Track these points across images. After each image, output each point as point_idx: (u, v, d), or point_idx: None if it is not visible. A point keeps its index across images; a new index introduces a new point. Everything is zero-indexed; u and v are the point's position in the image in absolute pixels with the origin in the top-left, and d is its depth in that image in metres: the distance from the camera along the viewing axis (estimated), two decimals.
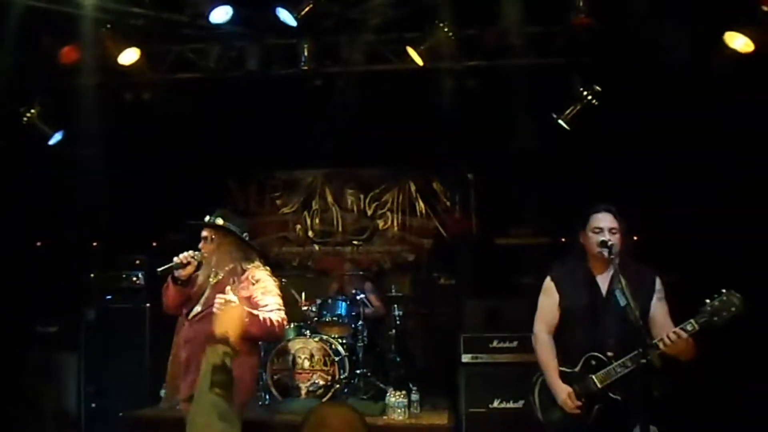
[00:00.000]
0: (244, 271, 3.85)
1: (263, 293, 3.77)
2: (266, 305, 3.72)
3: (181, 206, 7.53)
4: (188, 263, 3.84)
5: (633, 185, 6.39)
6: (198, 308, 3.83)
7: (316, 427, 1.86)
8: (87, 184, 6.97)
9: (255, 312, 3.63)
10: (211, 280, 3.88)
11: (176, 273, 3.84)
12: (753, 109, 5.32)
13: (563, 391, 3.44)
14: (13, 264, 6.72)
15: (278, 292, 3.91)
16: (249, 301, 3.70)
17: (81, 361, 6.65)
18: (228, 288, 3.62)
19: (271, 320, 3.66)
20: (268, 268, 3.99)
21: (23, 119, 6.12)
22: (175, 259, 3.85)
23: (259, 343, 4.31)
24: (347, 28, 5.37)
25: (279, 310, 3.79)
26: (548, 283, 3.68)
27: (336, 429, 1.85)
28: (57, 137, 6.29)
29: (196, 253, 3.87)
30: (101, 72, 5.86)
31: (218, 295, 3.55)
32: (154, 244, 7.32)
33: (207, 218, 3.96)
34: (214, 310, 3.53)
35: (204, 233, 3.93)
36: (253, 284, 3.78)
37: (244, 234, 3.98)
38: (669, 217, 6.29)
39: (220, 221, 3.90)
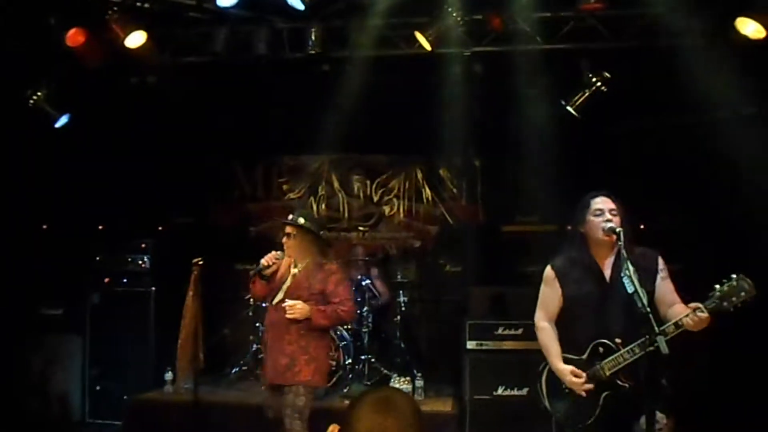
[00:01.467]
0: (320, 264, 4.45)
1: (335, 285, 4.42)
2: (337, 297, 4.39)
3: (187, 190, 7.59)
4: (274, 263, 4.42)
5: (640, 174, 6.37)
6: (280, 295, 4.39)
7: (381, 404, 1.88)
8: (93, 168, 6.98)
9: (323, 308, 4.34)
10: (292, 270, 4.46)
11: (264, 271, 4.39)
12: (760, 96, 5.27)
13: (567, 372, 3.42)
14: (18, 247, 6.73)
15: (348, 283, 4.77)
16: (323, 293, 4.37)
17: (86, 344, 6.67)
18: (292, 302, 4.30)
19: (338, 313, 4.38)
20: (337, 261, 4.76)
21: (30, 102, 6.09)
22: (263, 261, 4.39)
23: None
24: (355, 13, 5.32)
25: (348, 300, 4.49)
26: (549, 273, 3.65)
27: (403, 412, 1.86)
28: (63, 120, 6.28)
29: (279, 253, 4.42)
30: (108, 55, 5.84)
31: (287, 303, 4.28)
32: (160, 228, 7.33)
33: (290, 217, 4.50)
34: (287, 316, 4.26)
35: (288, 230, 4.45)
36: (329, 277, 4.41)
37: (321, 232, 4.66)
38: (675, 205, 6.26)
39: (301, 220, 4.43)
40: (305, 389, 4.29)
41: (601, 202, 3.48)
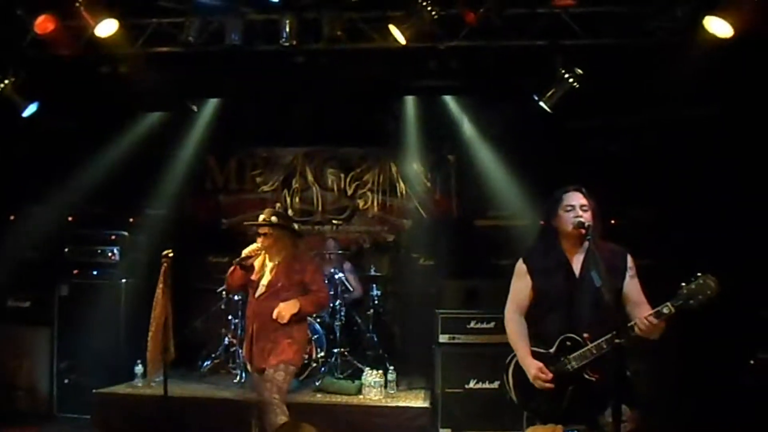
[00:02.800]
0: (296, 256, 4.85)
1: (313, 274, 4.84)
2: (315, 285, 4.81)
3: (160, 182, 7.51)
4: (255, 255, 4.79)
5: (611, 169, 6.45)
6: (262, 289, 4.76)
7: None
8: (63, 158, 6.87)
9: (307, 297, 4.75)
10: (268, 264, 4.83)
11: (246, 262, 4.76)
12: (730, 94, 5.35)
13: (534, 367, 3.46)
14: None
15: (322, 269, 5.46)
16: (302, 283, 4.76)
17: (54, 337, 6.58)
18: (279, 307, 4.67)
19: (319, 299, 4.85)
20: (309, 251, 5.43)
21: None
22: (245, 253, 4.76)
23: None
24: (330, 5, 5.29)
25: (324, 286, 4.97)
26: (520, 266, 3.69)
27: None
28: (31, 109, 6.16)
29: (258, 246, 4.77)
30: (77, 43, 5.74)
31: (276, 315, 4.63)
32: (131, 219, 7.24)
33: (261, 218, 4.84)
34: (281, 321, 4.62)
35: (263, 230, 4.80)
36: (306, 267, 4.82)
37: (294, 226, 5.14)
38: (645, 200, 6.35)
39: (275, 219, 4.80)
40: (285, 366, 4.62)
41: (573, 198, 3.52)
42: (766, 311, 5.24)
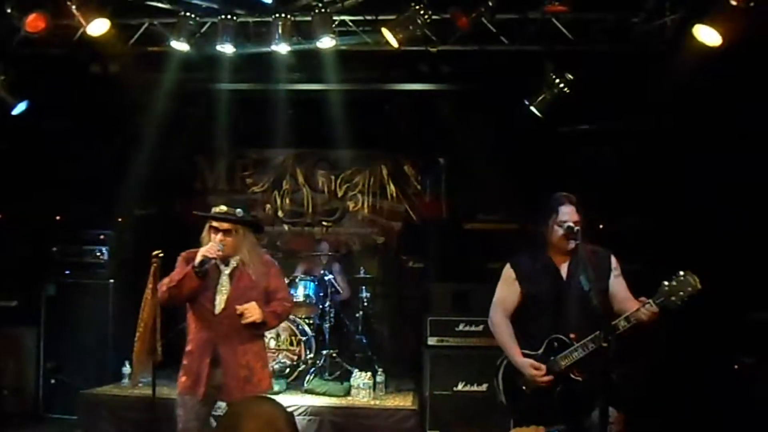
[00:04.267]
0: (259, 258, 4.08)
1: (276, 278, 4.12)
2: (279, 292, 4.10)
3: (149, 182, 7.48)
4: (216, 256, 3.89)
5: (600, 174, 6.49)
6: (222, 302, 3.91)
7: (230, 424, 1.78)
8: (51, 157, 6.84)
9: (272, 307, 4.02)
10: (223, 270, 3.97)
11: (207, 266, 3.85)
12: (719, 100, 5.41)
13: (527, 365, 3.50)
14: None
15: (283, 274, 4.38)
16: (266, 290, 4.03)
17: (40, 337, 6.54)
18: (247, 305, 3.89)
19: (285, 308, 4.13)
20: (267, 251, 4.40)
21: None
22: (209, 254, 3.83)
23: None
24: (322, 7, 5.30)
25: (288, 293, 4.31)
26: (508, 271, 3.74)
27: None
28: (21, 107, 6.12)
29: (221, 246, 3.88)
30: (68, 42, 5.72)
31: (241, 308, 3.86)
32: (119, 219, 7.20)
33: (223, 210, 3.99)
34: (244, 321, 3.86)
35: (225, 226, 3.93)
36: (269, 271, 4.08)
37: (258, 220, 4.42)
38: (633, 206, 6.40)
39: (240, 212, 4.00)
40: None
41: (566, 212, 3.55)
42: (752, 315, 5.29)
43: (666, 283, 3.23)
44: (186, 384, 3.94)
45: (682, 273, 3.23)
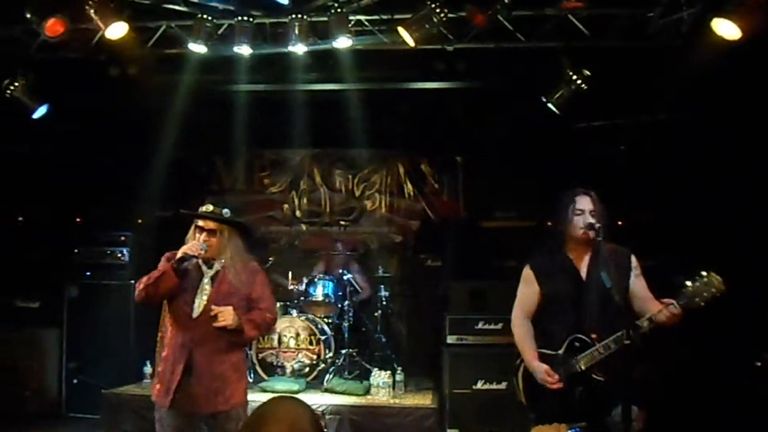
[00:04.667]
0: (245, 263, 3.85)
1: (261, 287, 3.88)
2: (263, 302, 3.85)
3: (167, 183, 7.54)
4: (198, 255, 3.70)
5: (617, 170, 6.45)
6: (201, 305, 3.70)
7: (254, 426, 1.75)
8: (71, 159, 6.92)
9: (252, 317, 3.77)
10: (206, 272, 3.76)
11: (187, 264, 3.67)
12: (738, 95, 5.36)
13: (541, 370, 3.48)
14: None
15: (269, 282, 4.08)
16: (248, 298, 3.80)
17: (63, 337, 6.63)
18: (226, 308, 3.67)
19: (266, 320, 3.86)
20: (255, 257, 4.06)
21: (6, 93, 6.02)
22: (190, 251, 3.65)
23: None
24: (338, 8, 5.31)
25: (273, 304, 3.99)
26: (527, 272, 3.71)
27: (280, 419, 1.73)
28: (41, 111, 6.21)
29: (204, 245, 3.70)
30: (87, 46, 5.79)
31: (216, 310, 3.64)
32: (140, 221, 7.27)
33: (209, 209, 3.79)
34: (216, 324, 3.62)
35: (211, 225, 3.74)
36: (254, 278, 3.86)
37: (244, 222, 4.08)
38: (652, 202, 6.35)
39: (227, 212, 3.80)
40: (238, 413, 3.71)
41: (583, 202, 3.53)
42: None
43: (689, 283, 3.18)
44: (159, 392, 3.73)
45: (705, 273, 3.17)
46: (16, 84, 5.99)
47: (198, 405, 3.63)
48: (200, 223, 3.77)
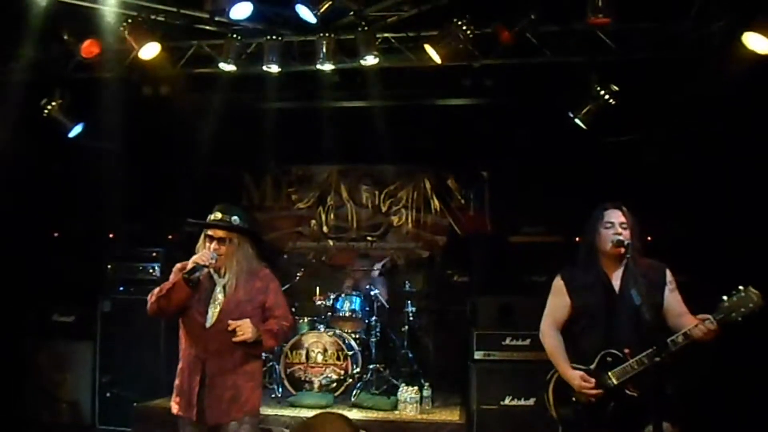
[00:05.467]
0: (256, 271, 3.79)
1: (275, 295, 3.82)
2: (279, 309, 3.80)
3: (198, 199, 7.65)
4: (210, 266, 3.65)
5: (647, 184, 6.40)
6: (214, 316, 3.65)
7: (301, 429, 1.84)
8: (105, 176, 7.06)
9: (270, 326, 3.72)
10: (218, 281, 3.71)
11: (198, 275, 3.57)
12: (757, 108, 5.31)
13: (576, 377, 3.44)
14: (31, 254, 6.82)
15: (282, 291, 3.99)
16: (263, 306, 3.75)
17: (96, 351, 6.73)
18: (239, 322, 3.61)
19: (284, 329, 3.79)
20: (266, 264, 3.94)
21: (44, 112, 6.21)
22: (200, 261, 3.58)
23: None
24: (366, 25, 5.39)
25: (288, 311, 3.91)
26: (558, 283, 3.69)
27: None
28: (77, 130, 6.38)
29: (214, 254, 3.64)
30: (121, 66, 5.94)
31: (234, 324, 3.58)
32: (170, 237, 7.39)
33: (218, 216, 3.74)
34: (236, 339, 3.56)
35: (220, 234, 3.68)
36: (268, 286, 3.80)
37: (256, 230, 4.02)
38: (682, 217, 6.29)
39: (237, 220, 3.73)
40: (251, 419, 3.69)
41: (612, 215, 3.52)
42: None
43: (726, 298, 3.15)
44: (180, 405, 3.69)
45: (742, 288, 3.14)
46: (54, 104, 6.18)
47: (210, 417, 3.60)
48: (210, 231, 3.71)
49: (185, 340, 3.74)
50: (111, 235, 7.42)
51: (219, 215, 3.73)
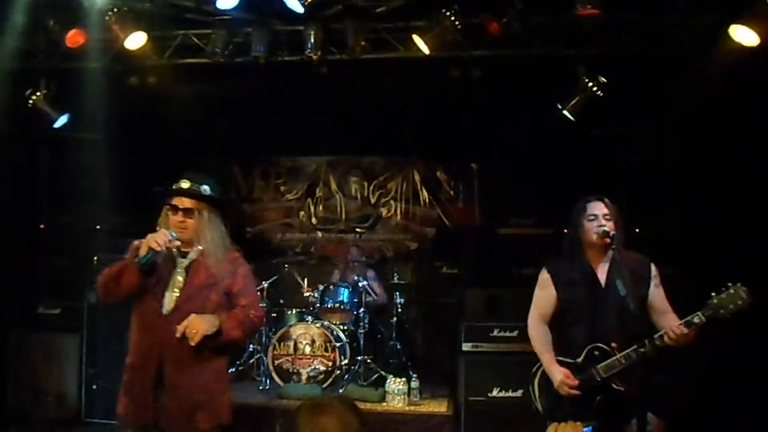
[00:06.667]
0: (225, 251, 3.28)
1: (244, 280, 3.32)
2: (246, 298, 3.31)
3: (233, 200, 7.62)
4: (171, 247, 3.17)
5: (635, 177, 6.42)
6: (171, 302, 3.16)
7: (314, 407, 1.96)
8: (91, 167, 7.00)
9: (235, 314, 3.24)
10: (179, 262, 3.22)
11: (153, 259, 3.12)
12: (756, 102, 5.32)
13: (559, 373, 3.45)
14: (16, 246, 6.75)
15: (254, 277, 3.50)
16: (229, 292, 3.26)
17: (83, 343, 6.68)
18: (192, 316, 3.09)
19: (251, 320, 3.29)
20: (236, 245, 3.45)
21: (29, 102, 6.13)
22: (156, 245, 3.10)
23: None
24: (354, 15, 5.36)
25: (258, 301, 3.48)
26: (544, 275, 3.69)
27: (337, 410, 1.93)
28: (62, 120, 6.31)
29: (173, 233, 3.17)
30: (107, 56, 5.88)
31: (183, 327, 3.06)
32: (157, 227, 7.33)
33: (185, 184, 3.24)
34: (192, 343, 3.05)
35: (187, 204, 3.20)
36: (236, 270, 3.31)
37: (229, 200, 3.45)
38: (670, 210, 6.31)
39: (207, 189, 3.23)
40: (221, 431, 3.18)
41: (596, 207, 3.52)
42: None
43: (714, 295, 3.16)
44: (126, 407, 3.19)
45: (731, 285, 3.16)
46: (38, 94, 6.11)
47: (179, 425, 3.09)
48: (174, 201, 3.23)
49: (137, 329, 3.25)
50: (97, 227, 7.36)
51: (187, 183, 3.24)
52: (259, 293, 3.59)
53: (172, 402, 3.10)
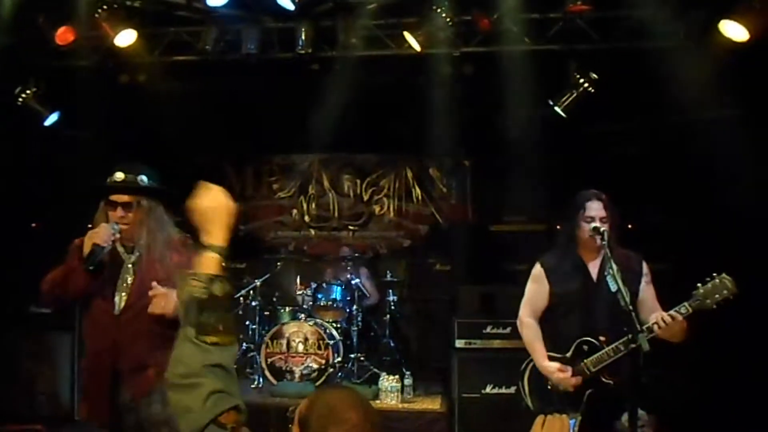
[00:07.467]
0: (170, 242, 3.13)
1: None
2: None
3: (177, 189, 7.57)
4: (114, 240, 3.01)
5: (628, 173, 6.43)
6: (122, 300, 3.04)
7: (326, 417, 1.71)
8: (82, 166, 6.97)
9: None
10: (127, 258, 3.09)
11: (99, 257, 2.97)
12: (745, 97, 5.33)
13: (553, 368, 3.46)
14: (7, 245, 6.71)
15: None
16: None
17: (75, 342, 6.66)
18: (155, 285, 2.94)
19: None
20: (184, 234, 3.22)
21: (18, 100, 6.09)
22: (99, 241, 2.97)
23: None
24: (345, 13, 5.35)
25: None
26: (538, 270, 3.70)
27: (352, 418, 1.72)
28: (52, 118, 6.27)
29: (115, 226, 3.02)
30: (97, 53, 5.85)
31: (153, 292, 2.93)
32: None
33: (120, 177, 3.08)
34: (151, 310, 2.92)
35: (124, 198, 3.04)
36: (189, 259, 2.77)
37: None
38: (662, 204, 6.32)
39: (145, 180, 3.07)
40: (163, 388, 2.82)
41: (593, 209, 3.51)
42: None
43: (700, 285, 3.18)
44: (86, 409, 3.13)
45: (716, 276, 3.17)
46: (28, 92, 6.07)
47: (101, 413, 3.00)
48: (112, 196, 3.07)
49: (90, 330, 3.12)
50: (89, 226, 7.32)
51: (121, 175, 3.08)
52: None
53: (130, 400, 3.02)
